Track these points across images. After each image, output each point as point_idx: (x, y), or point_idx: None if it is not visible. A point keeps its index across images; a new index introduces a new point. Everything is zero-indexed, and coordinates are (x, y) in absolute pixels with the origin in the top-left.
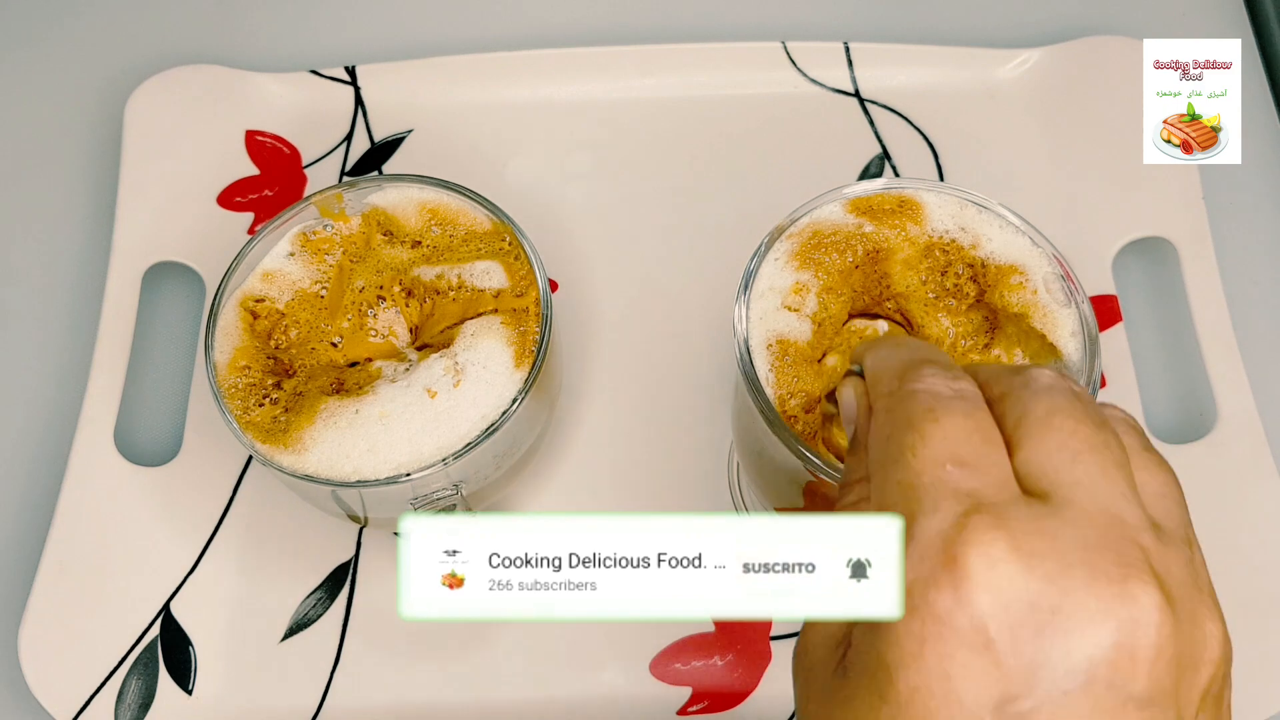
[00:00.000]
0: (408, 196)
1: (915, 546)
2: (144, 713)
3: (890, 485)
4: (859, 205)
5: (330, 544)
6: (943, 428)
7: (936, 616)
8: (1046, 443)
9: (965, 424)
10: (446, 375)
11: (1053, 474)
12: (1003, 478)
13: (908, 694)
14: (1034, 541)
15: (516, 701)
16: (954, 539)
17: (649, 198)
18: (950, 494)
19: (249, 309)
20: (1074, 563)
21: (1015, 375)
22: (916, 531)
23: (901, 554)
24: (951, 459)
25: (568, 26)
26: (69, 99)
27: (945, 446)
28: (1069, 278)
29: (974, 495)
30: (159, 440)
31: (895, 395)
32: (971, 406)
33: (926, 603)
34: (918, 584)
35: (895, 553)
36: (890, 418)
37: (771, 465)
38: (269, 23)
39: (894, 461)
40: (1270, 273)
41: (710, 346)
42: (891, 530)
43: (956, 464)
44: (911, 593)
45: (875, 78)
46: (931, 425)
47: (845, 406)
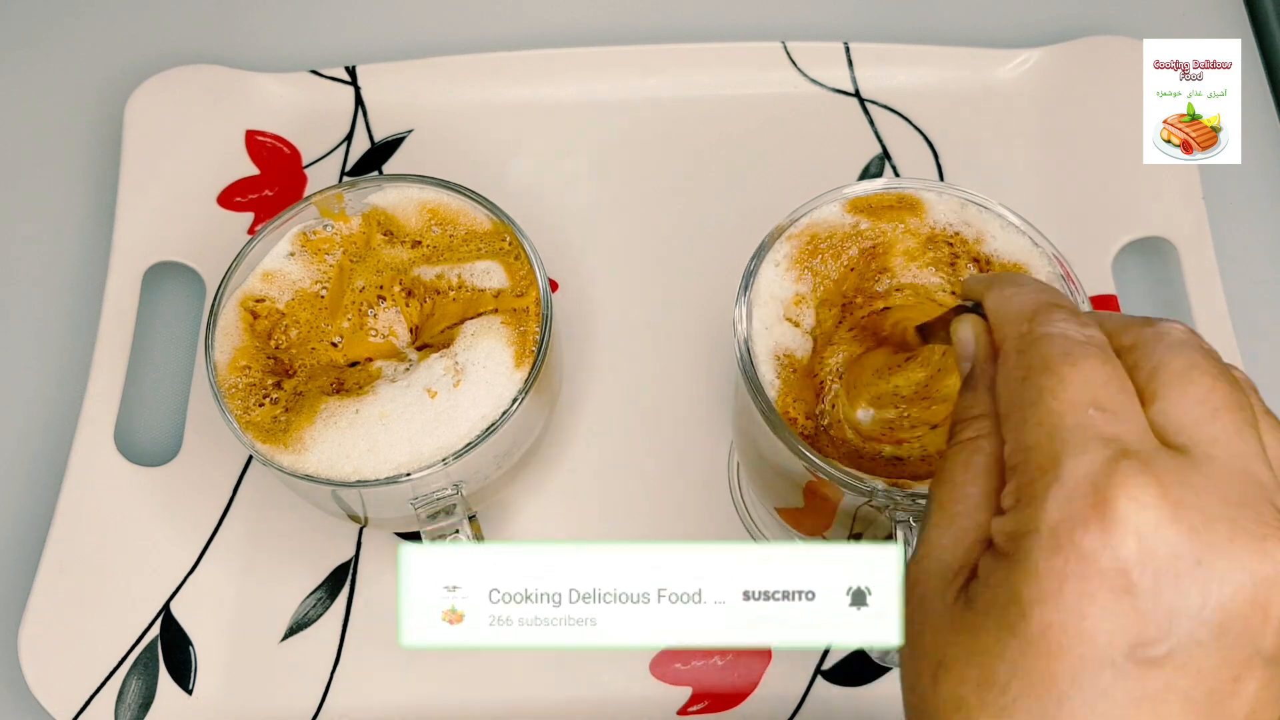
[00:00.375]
0: (408, 196)
1: (1061, 487)
2: (144, 713)
3: (1030, 425)
4: (859, 206)
5: (330, 544)
6: (1081, 372)
7: (1081, 555)
8: (1186, 397)
9: (1103, 370)
10: (446, 375)
11: (1191, 428)
12: (1142, 427)
13: (1040, 629)
14: (1180, 492)
15: (516, 701)
16: (1104, 482)
17: (649, 198)
18: (1095, 437)
19: (249, 309)
20: (1217, 517)
21: (1146, 326)
22: (1063, 473)
23: (1046, 493)
24: (1093, 403)
25: (568, 26)
26: (69, 99)
27: (1085, 390)
28: (1069, 278)
29: (1118, 440)
30: (159, 440)
31: (1027, 337)
32: (1106, 354)
33: (1073, 542)
34: (1064, 523)
35: (1040, 491)
36: (1023, 360)
37: (771, 465)
38: (269, 23)
39: (1032, 403)
40: (1270, 273)
41: (710, 346)
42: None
43: (1098, 408)
44: (1057, 531)
45: (875, 78)
46: (1070, 369)
47: (963, 343)
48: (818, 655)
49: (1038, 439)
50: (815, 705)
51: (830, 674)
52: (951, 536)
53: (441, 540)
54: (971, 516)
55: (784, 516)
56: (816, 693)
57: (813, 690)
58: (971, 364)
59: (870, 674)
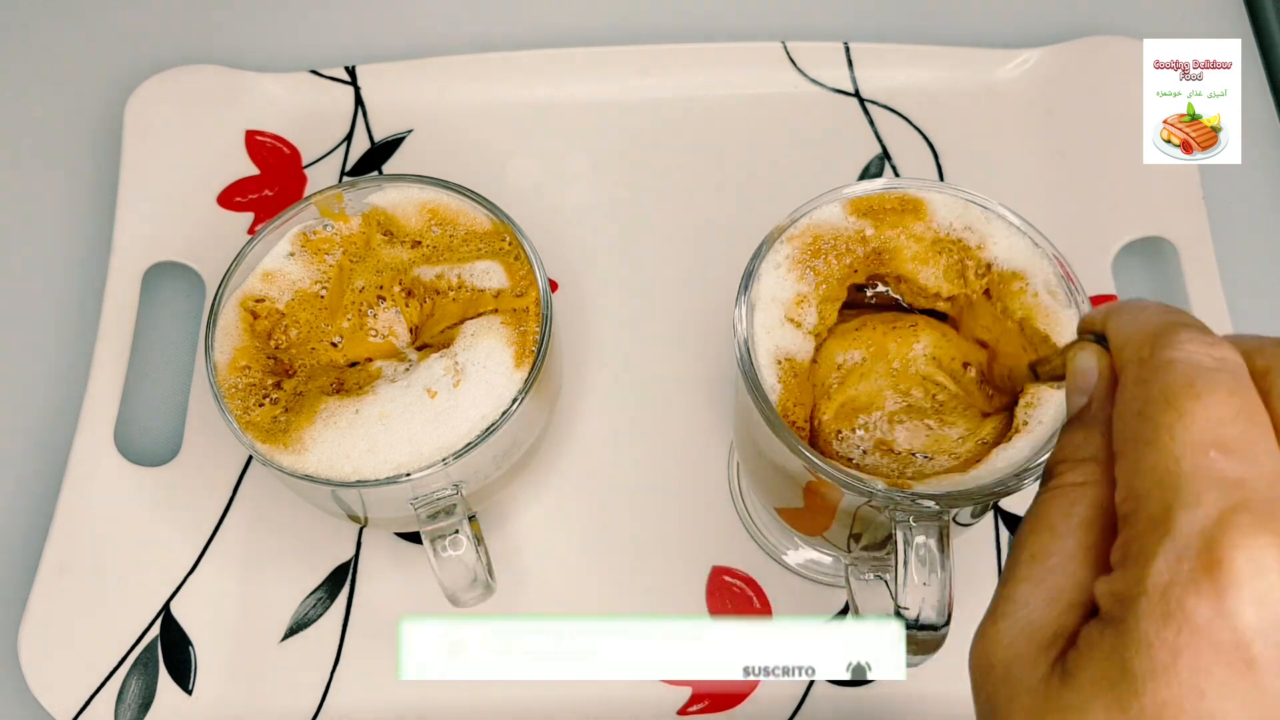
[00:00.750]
0: (408, 196)
1: (1172, 543)
2: (144, 713)
3: (1144, 469)
4: (859, 207)
5: (330, 544)
6: (1205, 405)
7: (1194, 626)
8: None
9: (1231, 402)
10: (446, 375)
11: None
12: (1273, 469)
13: (1155, 709)
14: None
15: (517, 701)
16: (1218, 539)
17: (649, 198)
18: (1214, 484)
19: (249, 309)
20: None
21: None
22: (1175, 526)
23: (1156, 549)
24: (1215, 443)
25: (568, 26)
26: (69, 99)
27: (1209, 428)
28: (1069, 278)
29: (1241, 487)
30: (159, 440)
31: (1149, 364)
32: (1237, 381)
33: (1184, 609)
34: (1175, 587)
35: (1150, 547)
36: (1143, 390)
37: (771, 465)
38: (269, 23)
39: (1148, 442)
40: (1270, 273)
41: (710, 346)
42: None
43: (1221, 450)
44: (1167, 596)
45: (875, 78)
46: (1192, 402)
47: (1082, 374)
48: None
49: (1150, 486)
50: (815, 705)
51: None
52: (1045, 595)
53: (441, 540)
54: (1070, 574)
55: (784, 516)
56: (816, 693)
57: (813, 690)
58: (1087, 398)
59: (869, 674)
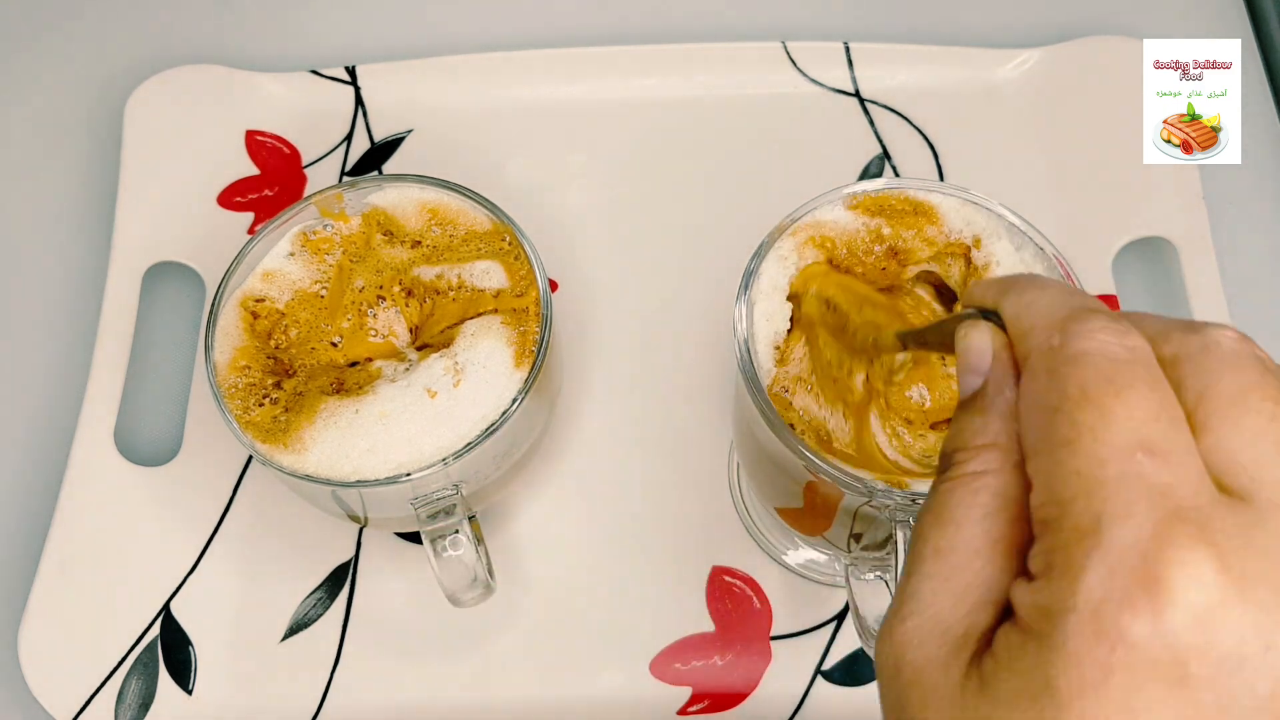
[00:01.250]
0: (408, 196)
1: (1104, 557)
2: (144, 713)
3: (1065, 473)
4: (859, 205)
5: (330, 544)
6: (1126, 403)
7: (1130, 644)
8: (1241, 428)
9: (1151, 398)
10: (446, 375)
11: (1252, 469)
12: (1198, 472)
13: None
14: (1244, 560)
15: (516, 701)
16: (1154, 554)
17: (649, 198)
18: (1144, 493)
19: (249, 309)
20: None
21: (1191, 334)
22: (1105, 539)
23: (1085, 562)
24: (1141, 445)
25: (568, 26)
26: (69, 99)
27: (1132, 428)
28: (1069, 278)
29: (1170, 495)
30: (159, 440)
31: (1059, 354)
32: (1153, 375)
33: (1118, 627)
34: (1108, 604)
35: (1078, 559)
36: (1055, 382)
37: (772, 465)
38: (269, 23)
39: (1067, 443)
40: (1270, 273)
41: (710, 346)
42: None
43: (1147, 452)
44: (1100, 613)
45: (875, 78)
46: (1113, 400)
47: (975, 353)
48: (818, 655)
49: (1074, 492)
50: (815, 705)
51: (830, 674)
52: (951, 593)
53: (441, 540)
54: (977, 570)
55: (784, 516)
56: (816, 693)
57: (813, 690)
58: (983, 381)
59: (870, 674)
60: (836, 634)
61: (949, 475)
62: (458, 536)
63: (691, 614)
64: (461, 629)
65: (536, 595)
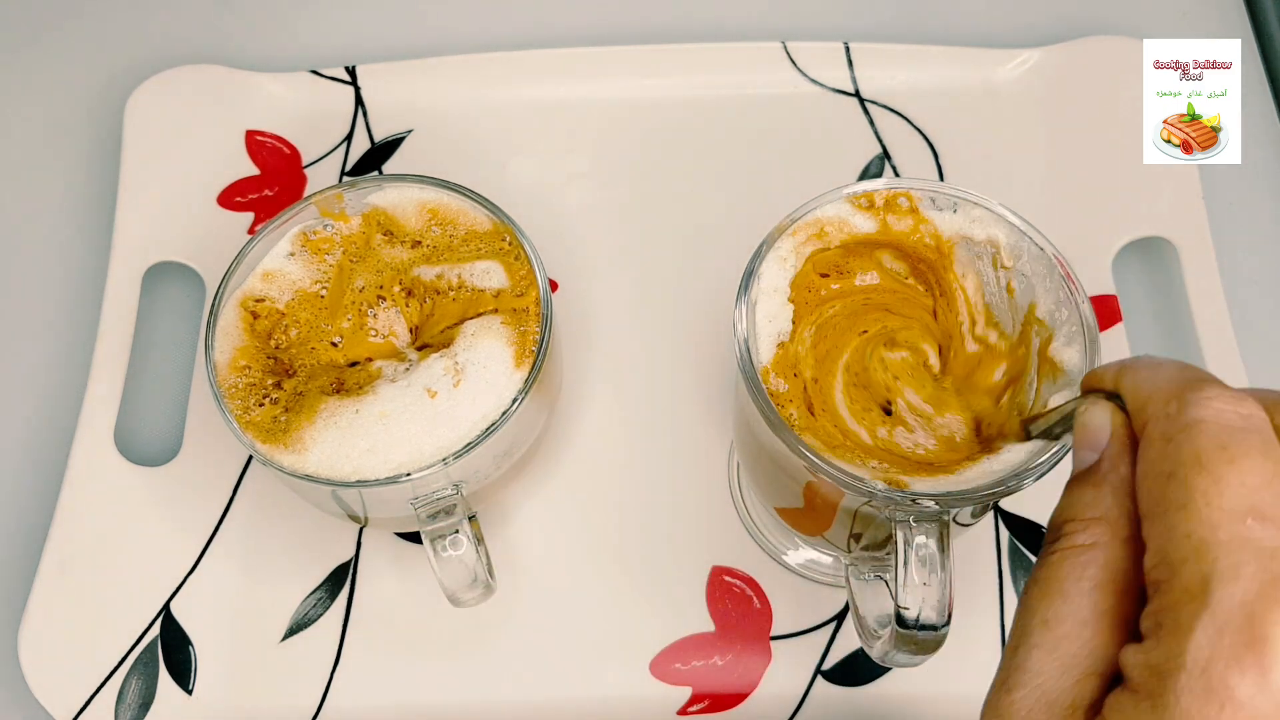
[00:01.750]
0: (408, 196)
1: (1212, 617)
2: (144, 713)
3: (1178, 536)
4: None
5: (330, 544)
6: (1239, 470)
7: (1238, 703)
8: None
9: (1265, 466)
10: (446, 375)
11: None
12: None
13: None
14: None
15: (516, 701)
16: (1260, 614)
17: (649, 198)
18: (1253, 555)
19: (249, 309)
20: None
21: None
22: (1213, 599)
23: (1194, 623)
24: (1252, 511)
25: (568, 26)
26: (69, 99)
27: (1244, 494)
28: (1069, 278)
29: (1277, 558)
30: (159, 440)
31: (1176, 422)
32: (1267, 443)
33: (1226, 685)
34: (1216, 662)
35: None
36: (1172, 449)
37: (772, 465)
38: (269, 23)
39: (1181, 507)
40: (1270, 273)
41: (710, 346)
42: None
43: (1258, 518)
44: (1208, 672)
45: (875, 78)
46: (1226, 466)
47: (1094, 430)
48: (818, 655)
49: (1185, 553)
50: (815, 705)
51: (830, 674)
52: (1059, 663)
53: (441, 540)
54: (1084, 640)
55: (784, 516)
56: (816, 693)
57: (813, 690)
58: (1100, 456)
59: (870, 674)
60: (836, 634)
61: (1058, 546)
62: (458, 536)
63: (691, 614)
64: (461, 629)
65: (536, 595)
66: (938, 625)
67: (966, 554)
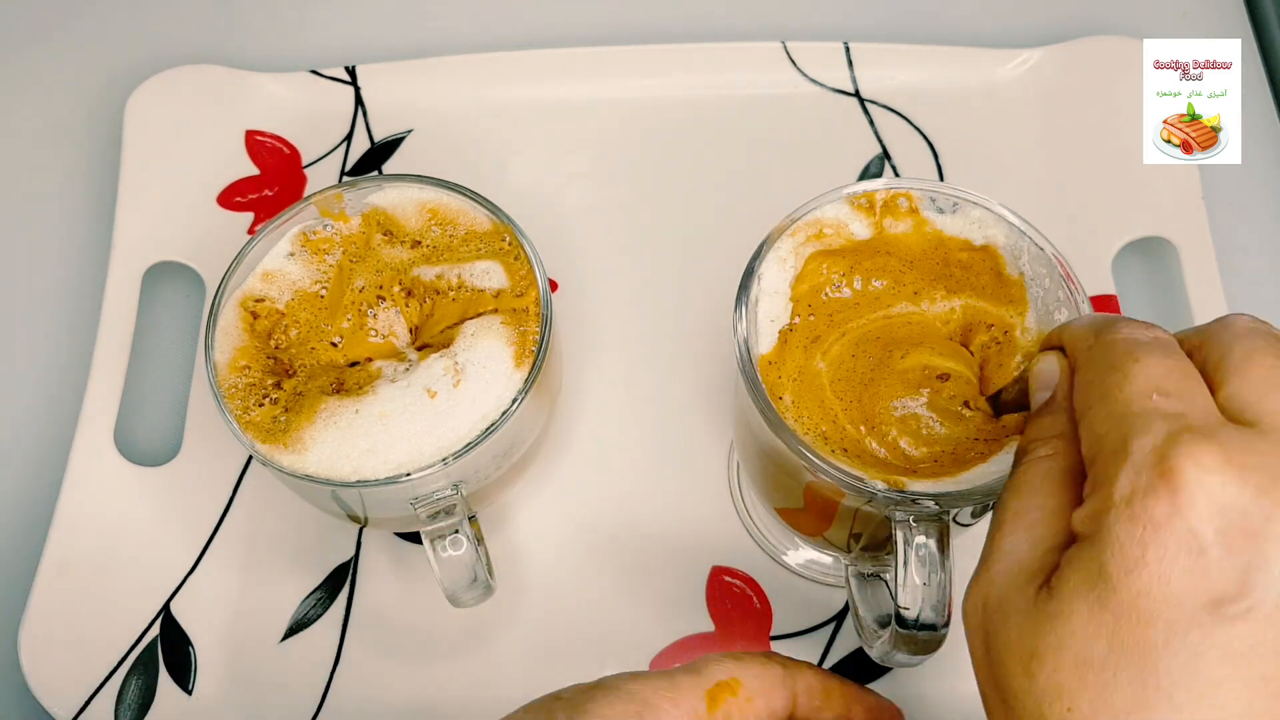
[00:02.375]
0: (408, 196)
1: (1130, 463)
2: (144, 713)
3: (1099, 419)
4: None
5: (330, 544)
6: (1144, 365)
7: (1156, 523)
8: (1249, 377)
9: (1166, 362)
10: (446, 375)
11: (1256, 404)
12: (1206, 407)
13: (1130, 600)
14: (1245, 456)
15: (516, 701)
16: (1168, 452)
17: (649, 198)
18: (1160, 417)
19: (249, 309)
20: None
21: (1213, 322)
22: (1131, 450)
23: (1117, 472)
24: (1157, 389)
25: (568, 26)
26: (69, 99)
27: (1149, 379)
28: (1069, 278)
29: (1181, 418)
30: (159, 440)
31: (1096, 345)
32: (1169, 349)
33: (1145, 510)
34: (1136, 494)
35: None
36: (1091, 363)
37: (772, 465)
38: (269, 23)
39: (1100, 399)
40: (1270, 273)
41: (710, 346)
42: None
43: (1162, 394)
44: (1131, 503)
45: (875, 78)
46: (1133, 364)
47: (1045, 374)
48: (818, 655)
49: (1108, 428)
50: None
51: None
52: (1028, 541)
53: (441, 540)
54: (1048, 524)
55: (784, 517)
56: None
57: None
58: (1050, 391)
59: (870, 674)
60: (836, 634)
61: (1026, 459)
62: (458, 536)
63: (691, 614)
64: (461, 629)
65: (536, 595)
66: (937, 625)
67: (966, 554)
